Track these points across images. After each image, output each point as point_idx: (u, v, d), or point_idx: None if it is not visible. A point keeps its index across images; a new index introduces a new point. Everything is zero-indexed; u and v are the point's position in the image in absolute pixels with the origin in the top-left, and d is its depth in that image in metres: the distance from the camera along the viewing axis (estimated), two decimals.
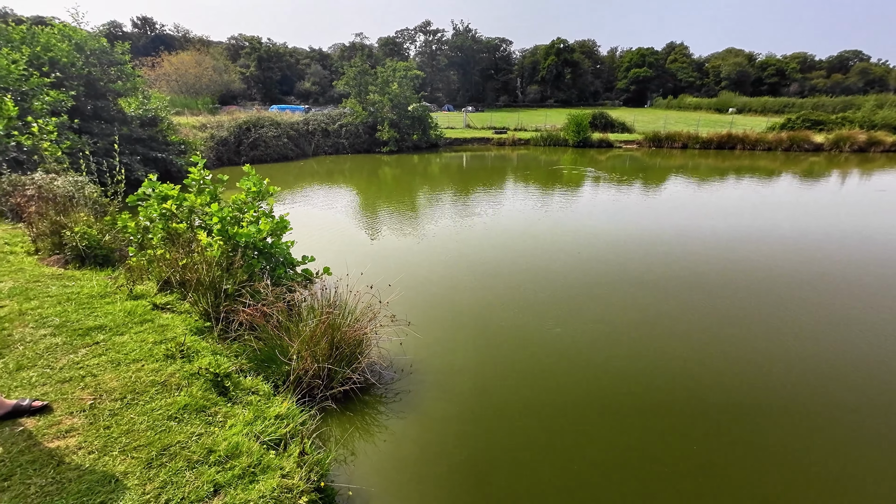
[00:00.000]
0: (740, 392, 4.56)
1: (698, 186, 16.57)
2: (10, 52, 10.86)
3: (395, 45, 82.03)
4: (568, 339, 5.55)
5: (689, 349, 5.34)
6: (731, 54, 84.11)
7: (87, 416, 2.70)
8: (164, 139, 16.59)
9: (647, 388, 4.60)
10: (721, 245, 9.33)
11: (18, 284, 4.66)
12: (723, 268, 8.02)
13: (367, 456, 3.68)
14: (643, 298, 6.72)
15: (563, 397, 4.52)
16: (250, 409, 3.11)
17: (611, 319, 6.07)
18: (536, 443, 3.92)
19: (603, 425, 4.13)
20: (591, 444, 3.90)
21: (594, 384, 4.71)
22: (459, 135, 32.99)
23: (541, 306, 6.44)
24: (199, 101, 40.69)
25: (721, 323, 6.02)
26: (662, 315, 6.21)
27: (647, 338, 5.60)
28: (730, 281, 7.42)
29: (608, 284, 7.25)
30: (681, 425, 4.10)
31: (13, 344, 3.42)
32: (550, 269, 7.87)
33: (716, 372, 4.90)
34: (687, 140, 29.76)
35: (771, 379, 4.79)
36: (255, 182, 5.56)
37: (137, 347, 3.52)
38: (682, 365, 5.01)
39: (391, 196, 15.38)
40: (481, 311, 6.26)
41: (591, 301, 6.65)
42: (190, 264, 4.71)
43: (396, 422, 4.10)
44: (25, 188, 7.79)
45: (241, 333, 4.22)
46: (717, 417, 4.20)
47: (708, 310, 6.39)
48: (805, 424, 4.13)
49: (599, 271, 7.81)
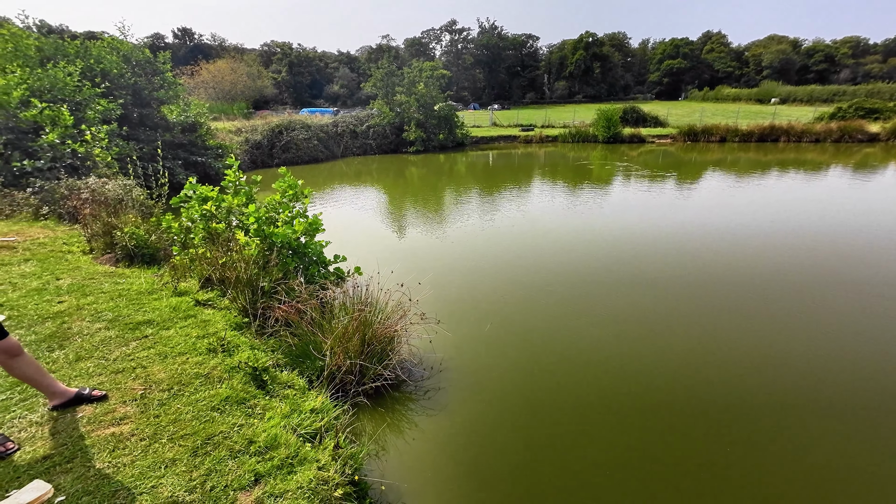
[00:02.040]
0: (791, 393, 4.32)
1: (738, 182, 15.77)
2: (65, 65, 11.66)
3: (421, 46, 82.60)
4: (603, 338, 5.41)
5: (741, 353, 5.10)
6: (774, 41, 79.58)
7: (138, 406, 2.86)
8: (203, 144, 17.38)
9: (694, 389, 4.43)
10: (766, 245, 8.85)
11: (76, 281, 5.00)
12: (776, 269, 7.61)
13: (397, 451, 3.72)
14: (685, 299, 6.46)
15: (597, 396, 4.42)
16: (287, 403, 3.20)
17: (647, 319, 5.87)
18: (568, 441, 3.85)
19: (642, 426, 4.00)
20: (629, 444, 3.80)
21: (629, 383, 4.57)
22: (485, 133, 32.83)
23: (573, 305, 6.32)
24: (234, 106, 42.37)
25: (772, 328, 5.70)
26: (705, 316, 5.95)
27: (691, 338, 5.38)
28: (788, 285, 7.02)
29: (645, 284, 7.01)
30: (723, 428, 3.92)
31: (72, 336, 3.67)
32: (583, 268, 7.70)
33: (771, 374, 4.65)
34: (725, 133, 28.39)
35: (800, 380, 4.51)
36: (291, 184, 5.73)
37: (182, 341, 3.70)
38: (732, 368, 4.79)
39: (418, 195, 15.49)
40: (511, 310, 6.20)
41: (626, 300, 6.45)
42: (229, 263, 4.91)
43: (426, 419, 4.13)
44: (80, 192, 8.35)
45: (277, 329, 4.36)
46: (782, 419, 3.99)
47: (754, 313, 6.07)
48: (816, 423, 3.93)
49: (636, 270, 7.57)
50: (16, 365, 2.55)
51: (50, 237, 7.19)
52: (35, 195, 8.76)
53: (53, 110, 9.88)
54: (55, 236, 7.29)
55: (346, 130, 27.18)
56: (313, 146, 24.80)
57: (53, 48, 12.76)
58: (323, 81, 78.58)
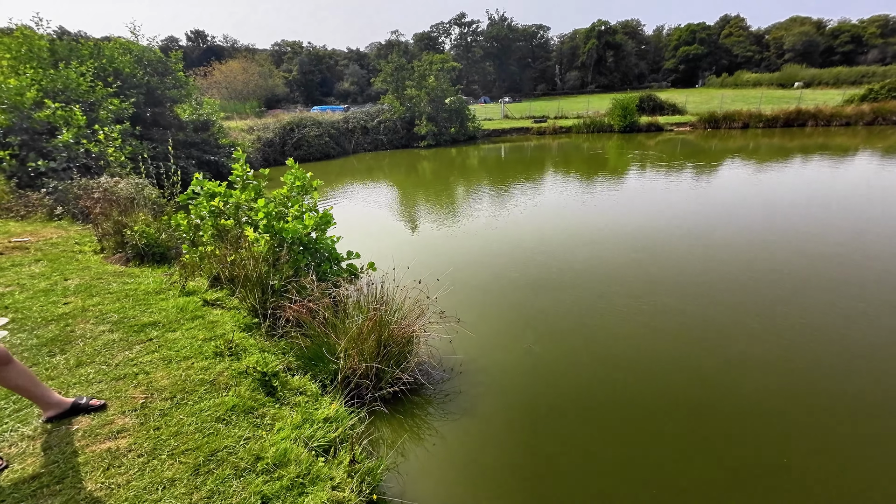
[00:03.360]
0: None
1: (764, 168, 15.01)
2: (78, 65, 11.66)
3: (430, 40, 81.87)
4: (633, 336, 5.03)
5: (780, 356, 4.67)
6: (796, 23, 76.44)
7: (138, 416, 2.63)
8: (215, 142, 17.37)
9: (723, 390, 4.04)
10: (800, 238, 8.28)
11: (84, 282, 4.84)
12: (806, 266, 7.08)
13: (418, 461, 3.44)
14: (715, 295, 6.03)
15: (626, 398, 4.07)
16: (298, 411, 2.95)
17: (679, 317, 5.46)
18: (598, 448, 3.54)
19: (672, 430, 3.65)
20: (658, 448, 3.46)
21: (657, 386, 4.20)
22: (497, 126, 32.27)
23: (599, 301, 5.93)
24: (246, 105, 42.67)
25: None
26: (730, 315, 5.52)
27: (722, 338, 4.97)
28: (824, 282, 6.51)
29: (676, 280, 6.59)
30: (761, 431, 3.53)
31: (75, 340, 3.48)
32: (607, 263, 7.30)
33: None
34: (748, 119, 27.27)
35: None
36: (299, 175, 5.48)
37: (188, 344, 3.48)
38: (766, 368, 4.37)
39: (431, 190, 15.18)
40: (534, 307, 5.86)
41: (656, 297, 6.04)
42: (238, 260, 4.68)
43: (448, 425, 3.84)
44: (93, 191, 8.28)
45: (289, 330, 4.12)
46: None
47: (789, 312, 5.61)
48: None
49: (664, 266, 7.14)
50: (5, 374, 2.34)
51: (63, 237, 7.12)
52: (49, 195, 8.74)
53: (66, 111, 9.85)
54: (68, 236, 7.22)
55: (357, 126, 27.00)
56: (324, 143, 24.69)
57: (67, 49, 12.79)
58: (333, 79, 78.67)
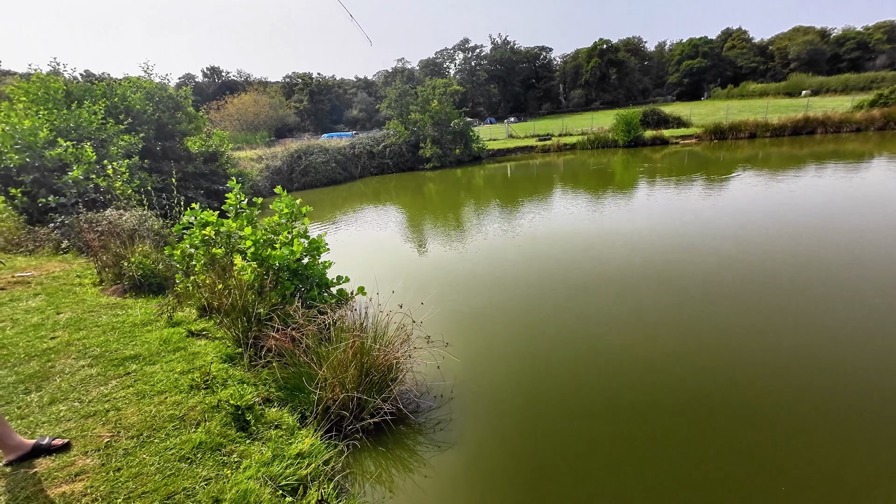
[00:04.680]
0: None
1: (774, 178, 14.70)
2: (90, 104, 12.20)
3: (435, 66, 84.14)
4: (628, 360, 4.81)
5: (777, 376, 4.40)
6: (800, 33, 76.51)
7: (100, 456, 2.55)
8: (223, 172, 17.83)
9: (719, 421, 3.78)
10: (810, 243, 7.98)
11: (75, 315, 4.87)
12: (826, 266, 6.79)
13: (406, 496, 3.27)
14: (707, 317, 5.78)
15: (621, 424, 3.85)
16: (269, 447, 2.83)
17: (669, 336, 5.23)
18: (593, 474, 3.35)
19: (666, 454, 3.42)
20: (653, 474, 3.23)
21: (652, 410, 3.97)
22: (502, 146, 32.56)
23: (590, 324, 5.73)
24: (257, 136, 44.04)
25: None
26: (733, 335, 5.26)
27: (717, 363, 4.72)
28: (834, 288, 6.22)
29: (671, 300, 6.36)
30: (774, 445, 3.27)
31: (53, 376, 3.45)
32: (601, 283, 7.10)
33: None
34: (755, 129, 27.02)
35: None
36: (288, 203, 5.51)
37: (165, 378, 3.42)
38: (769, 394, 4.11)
39: (433, 212, 15.22)
40: (524, 330, 5.68)
41: (650, 318, 5.82)
42: (224, 289, 4.66)
43: (438, 455, 3.67)
44: (97, 224, 8.48)
45: (270, 360, 4.03)
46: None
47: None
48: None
49: (660, 284, 6.91)
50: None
51: (65, 270, 7.25)
52: (57, 230, 8.98)
53: (77, 148, 10.23)
54: (70, 269, 7.35)
55: (364, 151, 27.52)
56: (331, 168, 25.16)
57: (82, 90, 13.42)
58: (342, 107, 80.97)
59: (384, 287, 5.70)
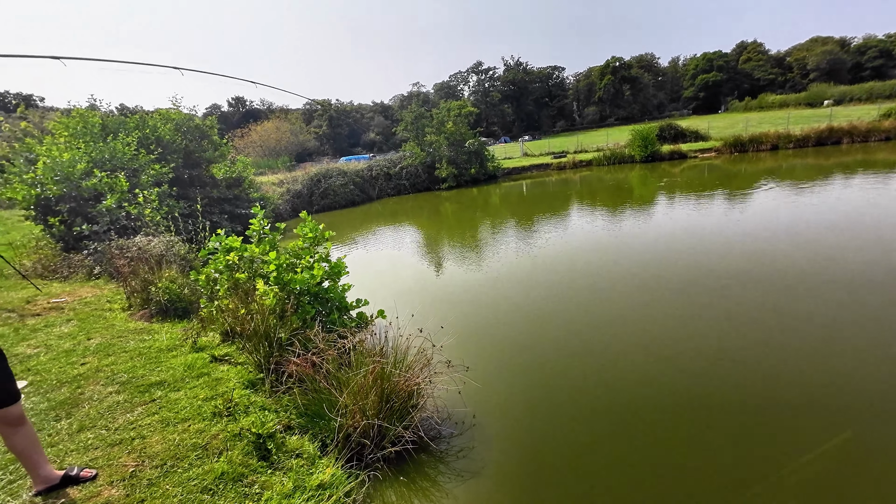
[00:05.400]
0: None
1: (806, 190, 14.24)
2: (124, 136, 12.88)
3: (449, 89, 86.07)
4: (654, 386, 4.62)
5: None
6: (818, 43, 75.44)
7: (125, 487, 2.56)
8: (246, 197, 18.41)
9: (741, 441, 3.55)
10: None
11: (104, 340, 5.01)
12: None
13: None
14: (728, 340, 5.53)
15: (656, 453, 3.65)
16: (290, 477, 2.79)
17: (707, 363, 5.01)
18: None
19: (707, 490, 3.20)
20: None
21: (689, 436, 3.76)
22: (517, 164, 32.72)
23: (616, 346, 5.56)
24: (279, 161, 45.54)
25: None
26: (757, 355, 5.00)
27: (744, 381, 4.48)
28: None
29: (705, 324, 6.13)
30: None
31: (82, 402, 3.52)
32: (623, 305, 6.91)
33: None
34: (777, 140, 26.42)
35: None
36: (311, 228, 5.61)
37: (188, 405, 3.44)
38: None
39: (450, 232, 15.27)
40: (549, 354, 5.54)
41: (680, 341, 5.60)
42: (246, 314, 4.73)
43: (459, 485, 3.55)
44: (127, 250, 8.81)
45: (291, 385, 4.02)
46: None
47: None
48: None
49: (689, 307, 6.69)
50: (14, 435, 2.36)
51: (96, 296, 7.51)
52: (90, 256, 9.36)
53: (111, 178, 10.75)
54: (101, 294, 7.62)
55: (381, 173, 28.06)
56: (349, 191, 25.70)
57: (117, 123, 14.21)
58: (360, 131, 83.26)
59: (403, 309, 5.68)
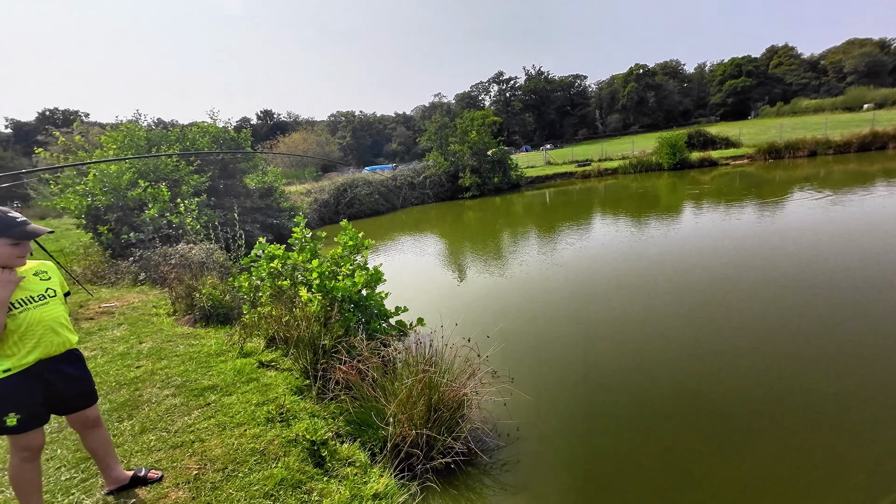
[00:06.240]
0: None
1: (853, 197, 13.57)
2: (166, 148, 13.48)
3: (471, 99, 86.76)
4: (702, 398, 4.43)
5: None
6: (855, 45, 72.56)
7: (190, 489, 2.61)
8: (277, 206, 18.93)
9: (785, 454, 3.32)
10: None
11: (155, 344, 5.18)
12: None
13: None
14: (777, 349, 5.25)
15: (698, 465, 3.48)
16: (346, 486, 2.79)
17: (745, 375, 4.77)
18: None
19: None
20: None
21: (742, 451, 3.56)
22: (541, 172, 32.53)
23: (663, 357, 5.37)
24: (306, 171, 46.74)
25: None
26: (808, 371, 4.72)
27: (789, 400, 4.22)
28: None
29: (756, 329, 5.87)
30: None
31: (141, 405, 3.64)
32: (671, 314, 6.70)
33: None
34: (814, 146, 25.36)
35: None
36: (352, 236, 5.70)
37: (242, 409, 3.50)
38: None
39: (477, 240, 15.23)
40: (593, 364, 5.40)
41: (732, 351, 5.37)
42: (291, 321, 4.81)
43: (505, 499, 3.48)
44: (171, 258, 9.16)
45: (338, 392, 4.05)
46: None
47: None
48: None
49: (737, 314, 6.43)
50: (91, 436, 2.46)
51: (143, 301, 7.80)
52: (135, 263, 9.77)
53: (154, 188, 11.26)
54: (147, 300, 7.91)
55: (405, 183, 28.39)
56: (374, 200, 26.07)
57: (159, 136, 14.93)
58: (382, 141, 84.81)
59: (440, 318, 5.66)
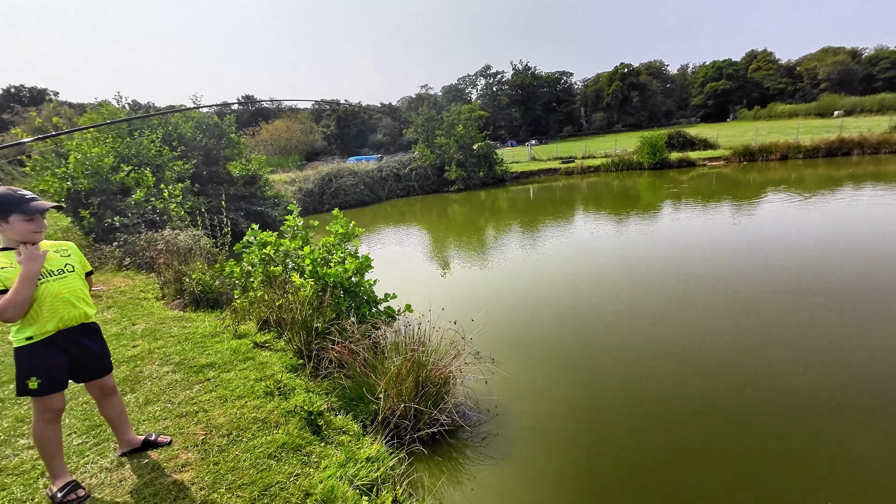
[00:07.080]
0: None
1: (825, 197, 14.42)
2: (150, 133, 13.27)
3: (457, 92, 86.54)
4: (677, 374, 4.87)
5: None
6: (829, 53, 75.29)
7: (199, 452, 2.84)
8: (261, 195, 18.79)
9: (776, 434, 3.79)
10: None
11: (149, 326, 5.32)
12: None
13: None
14: (755, 323, 5.76)
15: (668, 442, 3.90)
16: (342, 451, 3.07)
17: (716, 351, 5.24)
18: (642, 488, 3.40)
19: (724, 476, 3.44)
20: (714, 489, 3.26)
21: (711, 423, 4.00)
22: (525, 168, 32.99)
23: (638, 338, 5.80)
24: (289, 159, 46.08)
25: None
26: (787, 348, 5.23)
27: (776, 371, 4.71)
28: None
29: (712, 312, 6.37)
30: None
31: (143, 380, 3.82)
32: (644, 299, 7.16)
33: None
34: (786, 150, 26.56)
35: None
36: (343, 224, 5.91)
37: (241, 384, 3.73)
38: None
39: (462, 232, 15.56)
40: (569, 346, 5.80)
41: (703, 332, 5.84)
42: (285, 304, 5.02)
43: (485, 469, 3.81)
44: (156, 243, 9.16)
45: (331, 371, 4.31)
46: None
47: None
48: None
49: (710, 302, 6.93)
50: (108, 403, 2.67)
51: (129, 285, 7.84)
52: (119, 248, 9.71)
53: (138, 173, 11.13)
54: (134, 284, 7.95)
55: (390, 174, 28.41)
56: (360, 191, 26.05)
57: (141, 120, 14.63)
58: (368, 131, 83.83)
59: (430, 304, 5.95)
